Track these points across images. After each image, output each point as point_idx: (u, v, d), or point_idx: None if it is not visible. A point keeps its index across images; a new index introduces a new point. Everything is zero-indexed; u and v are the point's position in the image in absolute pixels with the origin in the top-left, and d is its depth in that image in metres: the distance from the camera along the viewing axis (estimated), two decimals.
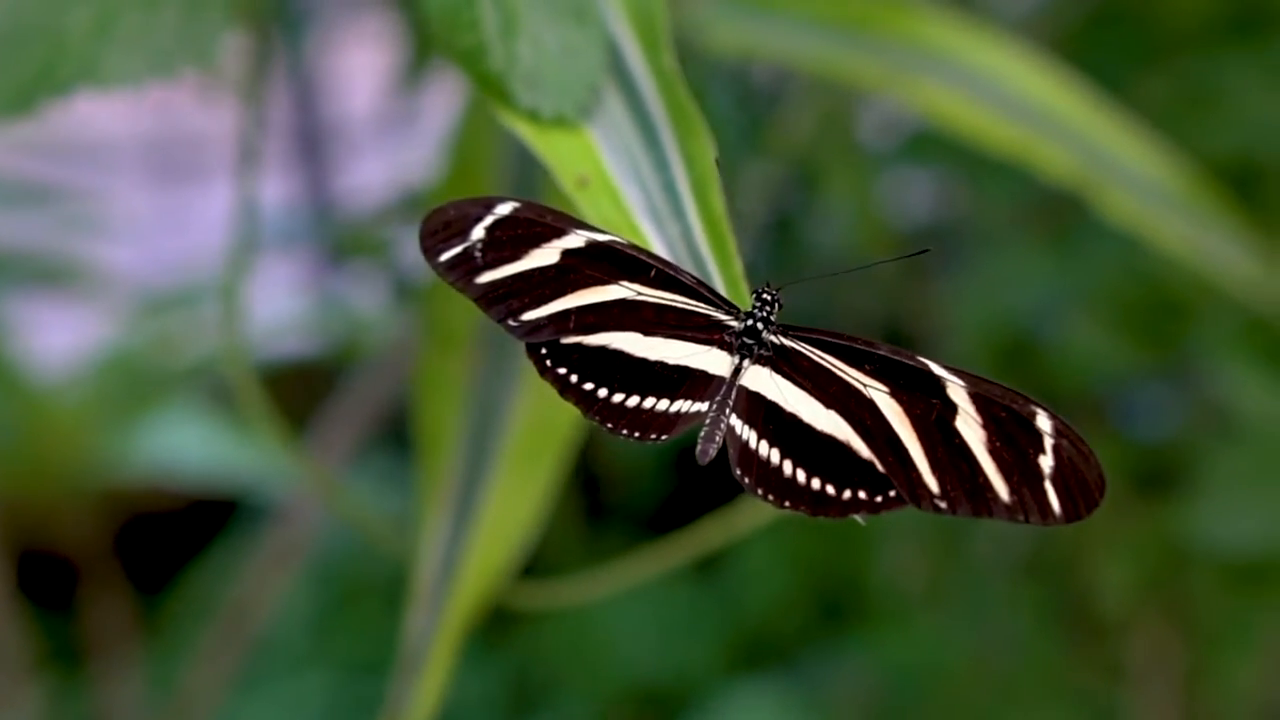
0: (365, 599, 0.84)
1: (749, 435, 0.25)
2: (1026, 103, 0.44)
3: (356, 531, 0.79)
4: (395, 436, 0.73)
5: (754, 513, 0.43)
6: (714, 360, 0.26)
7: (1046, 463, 0.23)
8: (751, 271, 0.28)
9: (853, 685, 0.75)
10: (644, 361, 0.26)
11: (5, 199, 0.68)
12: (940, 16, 0.45)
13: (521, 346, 0.38)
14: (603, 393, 0.26)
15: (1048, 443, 0.23)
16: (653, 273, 0.26)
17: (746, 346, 0.26)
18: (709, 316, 0.26)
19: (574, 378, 0.26)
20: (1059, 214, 0.53)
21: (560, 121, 0.30)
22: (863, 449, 0.24)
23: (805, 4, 0.45)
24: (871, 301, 0.71)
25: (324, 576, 0.82)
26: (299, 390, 0.79)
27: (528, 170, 0.41)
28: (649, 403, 0.26)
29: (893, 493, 0.24)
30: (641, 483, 0.85)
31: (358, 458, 0.68)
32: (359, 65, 0.83)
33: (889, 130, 0.66)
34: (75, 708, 0.77)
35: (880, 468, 0.24)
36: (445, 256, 0.26)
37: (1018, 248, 0.53)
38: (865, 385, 0.25)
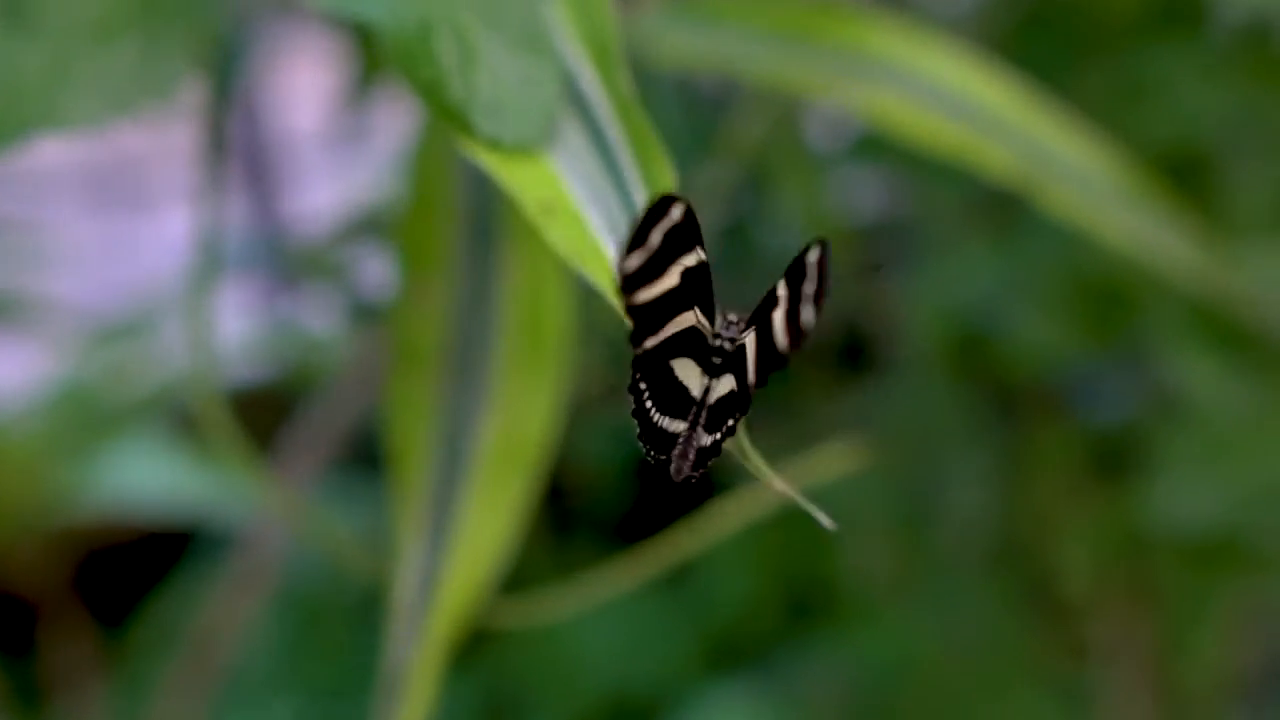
0: (332, 623, 0.84)
1: (707, 441, 0.26)
2: (968, 104, 0.45)
3: (321, 555, 0.79)
4: (357, 458, 0.73)
5: (722, 519, 0.44)
6: (696, 381, 0.27)
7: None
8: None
9: (826, 682, 0.76)
10: (676, 383, 0.27)
11: None
12: (882, 23, 0.46)
13: (492, 360, 0.39)
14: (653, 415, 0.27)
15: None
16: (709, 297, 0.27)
17: (714, 367, 0.27)
18: (705, 341, 0.27)
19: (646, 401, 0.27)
20: (1005, 210, 0.54)
21: (521, 150, 0.31)
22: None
23: (750, 15, 0.46)
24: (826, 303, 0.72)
25: (289, 602, 0.82)
26: (254, 415, 0.79)
27: (486, 195, 0.42)
28: (664, 422, 0.27)
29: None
30: (606, 492, 0.85)
31: (321, 480, 0.68)
32: (305, 84, 0.83)
33: (836, 133, 0.67)
34: None
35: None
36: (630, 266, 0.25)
37: (966, 244, 0.55)
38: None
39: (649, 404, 0.27)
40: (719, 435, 0.26)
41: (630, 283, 0.25)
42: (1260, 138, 0.48)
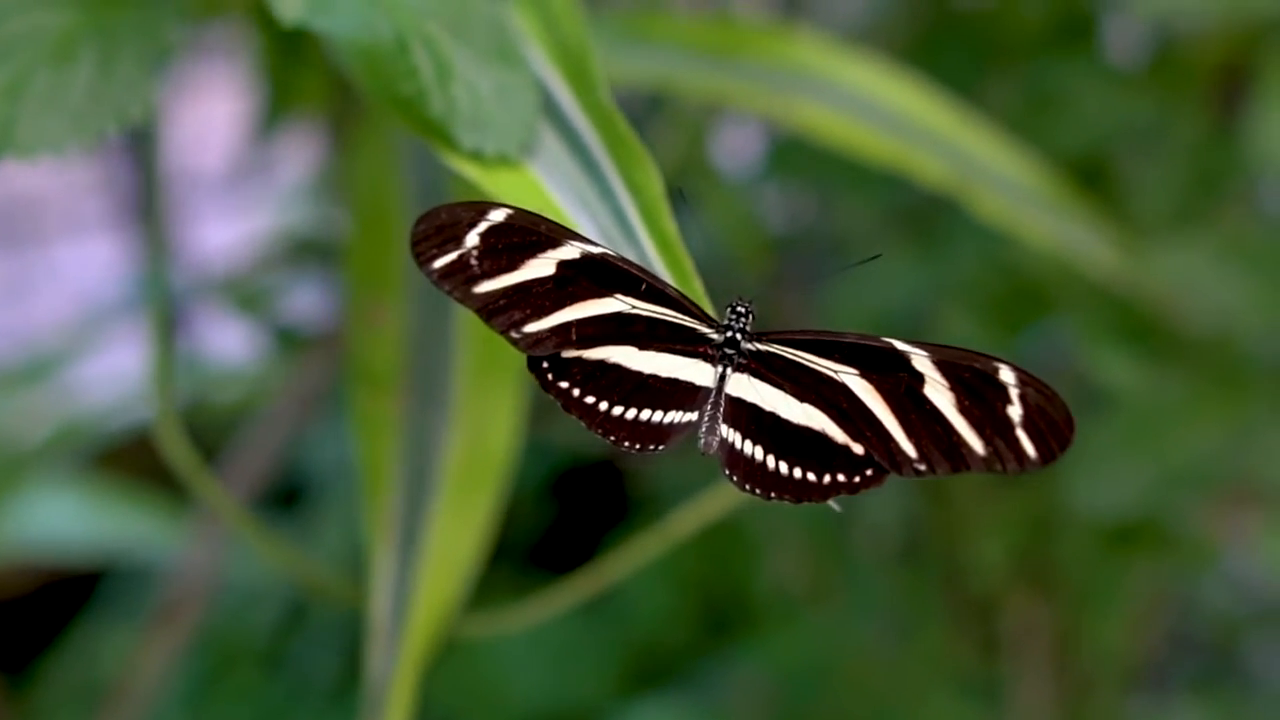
0: (245, 663, 0.82)
1: (735, 438, 0.27)
2: (893, 113, 0.47)
3: (235, 591, 0.78)
4: (275, 492, 0.72)
5: (649, 543, 0.44)
6: (700, 372, 0.27)
7: (1015, 412, 0.25)
8: None
9: (747, 692, 0.76)
10: (639, 375, 0.27)
11: None
12: (805, 38, 0.48)
13: (452, 379, 0.39)
14: (604, 406, 0.27)
15: (1013, 393, 0.25)
16: (643, 286, 0.27)
17: (727, 357, 0.27)
18: (694, 330, 0.27)
19: (576, 391, 0.27)
20: (922, 216, 0.57)
21: (503, 160, 0.31)
22: (838, 434, 0.26)
23: (680, 34, 0.47)
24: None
25: (202, 644, 0.80)
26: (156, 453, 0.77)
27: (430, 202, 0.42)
28: (645, 415, 0.27)
29: (869, 471, 0.26)
30: (524, 512, 0.85)
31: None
32: (198, 119, 0.81)
33: (745, 149, 0.69)
34: None
35: (856, 450, 0.26)
36: (439, 264, 0.26)
37: (886, 250, 0.56)
38: (837, 372, 0.26)
39: (577, 392, 0.26)
40: (794, 465, 0.26)
41: (454, 279, 0.26)
42: (1160, 144, 0.51)
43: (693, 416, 0.27)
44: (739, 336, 0.27)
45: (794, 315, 0.66)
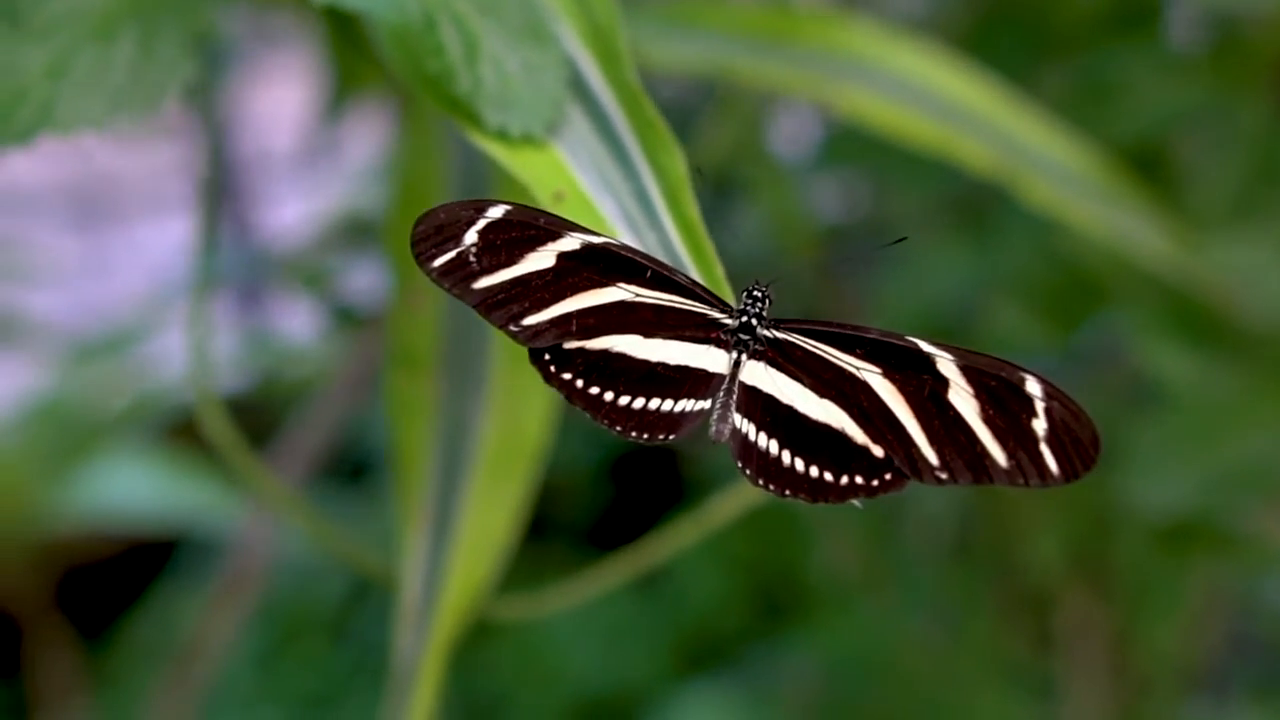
0: (312, 632, 0.84)
1: (748, 428, 0.26)
2: (944, 100, 0.46)
3: (301, 563, 0.79)
4: (336, 469, 0.73)
5: (694, 524, 0.44)
6: (713, 359, 0.27)
7: (1040, 425, 0.24)
8: None
9: (797, 679, 0.76)
10: (646, 363, 0.26)
11: None
12: (856, 23, 0.47)
13: (488, 361, 0.39)
14: (609, 396, 0.26)
15: (1039, 406, 0.24)
16: (648, 274, 0.26)
17: (742, 343, 0.27)
18: (705, 315, 0.27)
19: (579, 382, 0.26)
20: (975, 205, 0.56)
21: (529, 140, 0.31)
22: (858, 434, 0.25)
23: (732, 20, 0.47)
24: (792, 304, 0.73)
25: (271, 611, 0.82)
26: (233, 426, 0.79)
27: (478, 190, 0.42)
28: (654, 404, 0.26)
29: (888, 475, 0.25)
30: (580, 496, 0.86)
31: (305, 489, 0.68)
32: (273, 102, 0.83)
33: (802, 137, 0.68)
34: None
35: (876, 451, 0.25)
36: (439, 261, 0.26)
37: (937, 240, 0.56)
38: (859, 369, 0.26)
39: (580, 383, 0.26)
40: (806, 460, 0.26)
41: (453, 276, 0.26)
42: (1220, 132, 0.50)
43: (705, 405, 0.26)
44: (755, 322, 0.27)
45: (848, 305, 0.66)
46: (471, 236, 0.26)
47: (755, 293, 0.27)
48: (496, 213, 0.26)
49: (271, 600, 0.81)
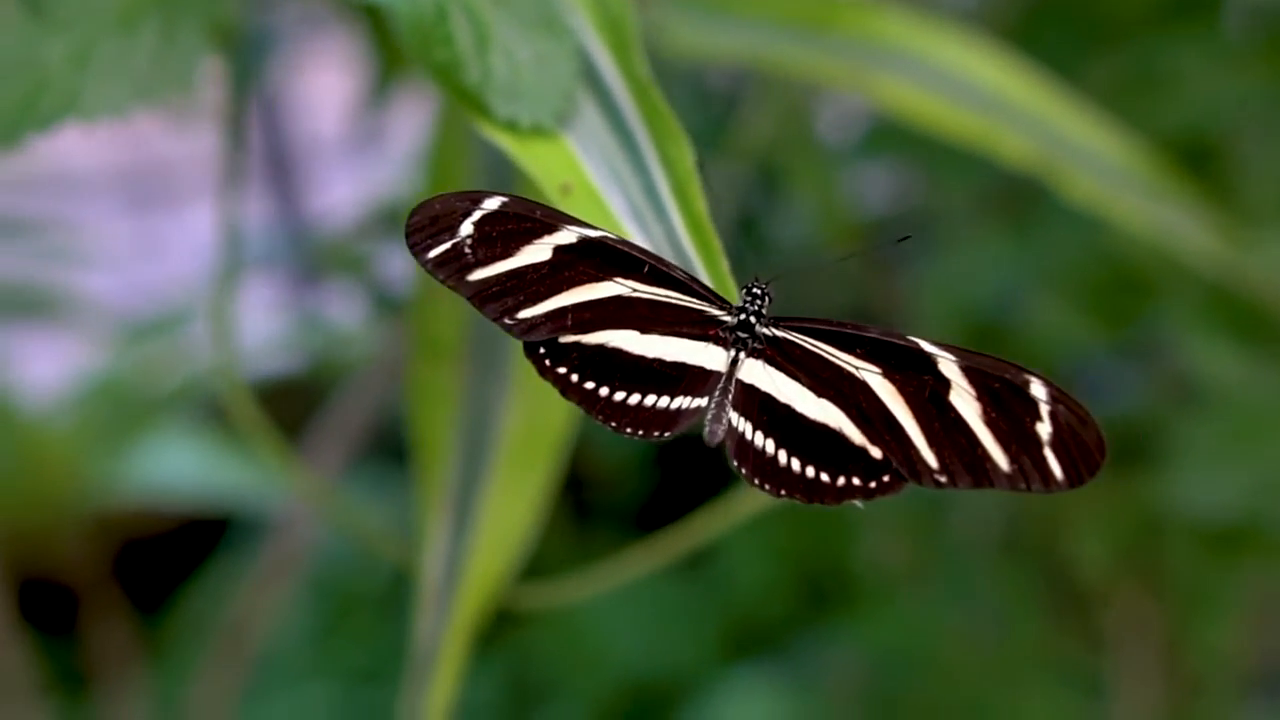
0: (363, 609, 0.85)
1: (745, 427, 0.26)
2: (984, 91, 0.45)
3: (351, 542, 0.80)
4: (383, 448, 0.74)
5: (739, 506, 0.44)
6: (710, 356, 0.26)
7: (1044, 429, 0.24)
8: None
9: (843, 669, 0.76)
10: (643, 359, 0.26)
11: None
12: (896, 12, 0.46)
13: (513, 350, 0.39)
14: (604, 391, 0.26)
15: (1044, 409, 0.24)
16: (646, 268, 0.26)
17: (740, 340, 0.26)
18: (703, 312, 0.26)
19: (574, 377, 0.26)
20: (1019, 198, 0.55)
21: (538, 131, 0.31)
22: (856, 435, 0.25)
23: (768, 7, 0.46)
24: (838, 295, 0.72)
25: (322, 588, 0.83)
26: (282, 407, 0.80)
27: (504, 181, 0.42)
28: (650, 400, 0.26)
29: (886, 478, 0.25)
30: (626, 481, 0.86)
31: (348, 470, 0.69)
32: (326, 87, 0.84)
33: (847, 124, 0.67)
34: None
35: (874, 453, 0.25)
36: (434, 253, 0.26)
37: (980, 233, 0.55)
38: (858, 369, 0.25)
39: (575, 377, 0.26)
40: (810, 464, 0.25)
41: (448, 268, 0.26)
42: (1273, 126, 0.48)
43: (702, 402, 0.26)
44: (754, 319, 0.26)
45: (896, 299, 0.65)
46: (467, 228, 0.26)
47: (755, 289, 0.27)
48: (493, 204, 0.26)
49: (323, 577, 0.82)
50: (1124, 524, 0.60)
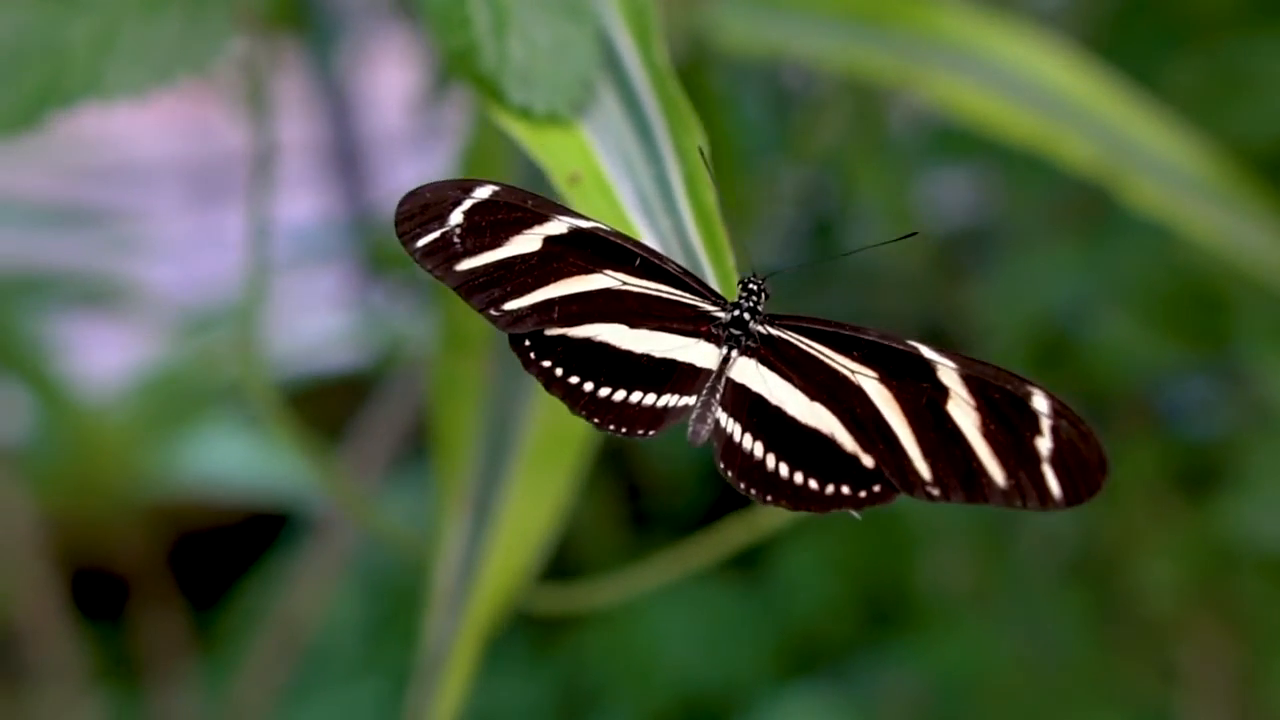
0: (414, 606, 0.84)
1: (734, 429, 0.25)
2: (1046, 91, 0.43)
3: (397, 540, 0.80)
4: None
5: (785, 517, 0.42)
6: (701, 353, 0.25)
7: (1044, 444, 0.23)
8: (784, 276, 0.27)
9: (900, 690, 0.74)
10: (630, 354, 0.25)
11: (51, 222, 0.69)
12: (955, 8, 0.45)
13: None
14: (588, 387, 0.25)
15: (1045, 423, 0.23)
16: (638, 261, 0.25)
17: (734, 338, 0.25)
18: (695, 307, 0.25)
19: (559, 371, 0.25)
20: (1092, 208, 0.52)
21: (553, 118, 0.30)
22: (848, 442, 0.24)
23: (819, 1, 0.45)
24: (908, 304, 0.70)
25: (374, 585, 0.83)
26: (345, 402, 0.80)
27: (538, 176, 0.41)
28: (635, 397, 0.25)
29: (877, 488, 0.24)
30: (684, 491, 0.84)
31: (395, 467, 0.69)
32: (391, 81, 0.84)
33: (920, 128, 0.65)
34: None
35: (866, 461, 0.24)
36: (422, 242, 0.25)
37: (1051, 244, 0.52)
38: (854, 372, 0.24)
39: (560, 371, 0.25)
40: (795, 468, 0.24)
41: (436, 258, 0.25)
42: None
43: (690, 401, 0.25)
44: (748, 317, 0.25)
45: (963, 311, 0.63)
46: (457, 217, 0.25)
47: (750, 285, 0.25)
48: (483, 193, 0.25)
49: (374, 575, 0.82)
50: (1196, 553, 0.57)
